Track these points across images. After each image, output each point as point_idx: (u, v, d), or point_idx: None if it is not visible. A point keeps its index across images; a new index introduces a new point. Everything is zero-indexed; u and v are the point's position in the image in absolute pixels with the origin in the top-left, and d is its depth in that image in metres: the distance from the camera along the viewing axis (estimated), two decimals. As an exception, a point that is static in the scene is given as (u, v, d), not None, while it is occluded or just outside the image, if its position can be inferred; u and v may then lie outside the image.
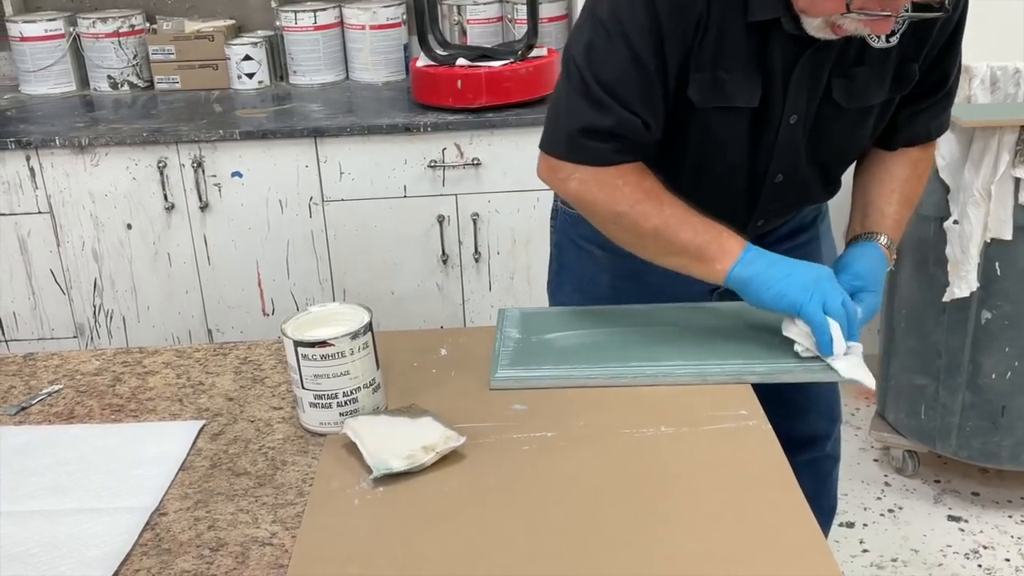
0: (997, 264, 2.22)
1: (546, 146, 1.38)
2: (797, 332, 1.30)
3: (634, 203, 1.33)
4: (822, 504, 1.77)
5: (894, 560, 2.29)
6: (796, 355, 1.31)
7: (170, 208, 2.49)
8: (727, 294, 1.55)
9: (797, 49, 1.30)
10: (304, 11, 2.82)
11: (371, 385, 1.22)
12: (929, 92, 1.45)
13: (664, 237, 1.34)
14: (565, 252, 1.67)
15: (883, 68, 1.36)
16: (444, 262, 2.56)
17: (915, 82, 1.40)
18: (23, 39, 2.83)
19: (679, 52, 1.29)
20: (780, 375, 1.28)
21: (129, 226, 2.51)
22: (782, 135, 1.38)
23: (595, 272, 1.63)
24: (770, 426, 1.18)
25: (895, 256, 1.45)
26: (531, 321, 1.44)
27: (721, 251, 1.32)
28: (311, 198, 2.49)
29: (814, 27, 1.25)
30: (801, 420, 1.63)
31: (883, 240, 1.43)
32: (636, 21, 1.27)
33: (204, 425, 1.26)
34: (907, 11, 1.22)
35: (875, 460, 2.66)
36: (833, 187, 1.54)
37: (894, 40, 1.30)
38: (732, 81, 1.32)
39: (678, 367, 1.29)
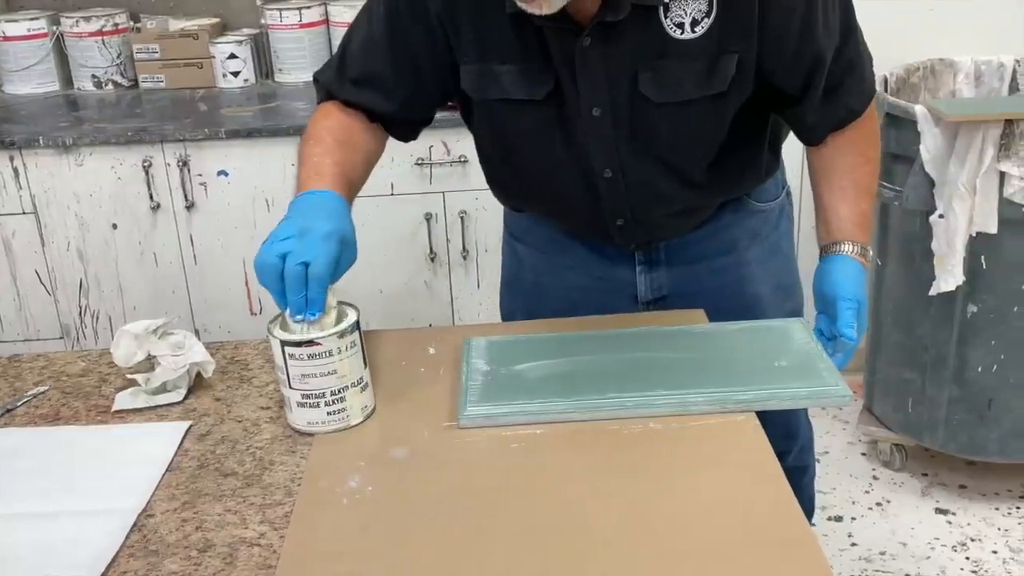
0: (982, 258, 2.23)
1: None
2: None
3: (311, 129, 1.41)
4: None
5: (882, 553, 2.30)
6: (780, 381, 1.25)
7: (156, 208, 2.48)
8: (651, 304, 1.54)
9: (572, 38, 1.26)
10: (289, 9, 2.81)
11: (359, 384, 1.21)
12: (808, 79, 1.33)
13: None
14: (504, 250, 1.68)
15: (696, 62, 1.27)
16: (432, 260, 2.55)
17: (734, 77, 1.29)
18: (5, 39, 2.81)
19: (426, 40, 1.32)
20: (765, 402, 1.22)
21: (115, 226, 2.50)
22: (588, 128, 1.34)
23: (519, 269, 1.62)
24: (758, 421, 1.18)
25: (869, 254, 1.41)
26: (498, 351, 1.34)
27: (299, 188, 1.35)
28: (297, 197, 2.48)
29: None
30: None
31: (849, 249, 1.39)
32: (382, 4, 1.34)
33: (191, 426, 1.25)
34: None
35: (863, 454, 2.66)
36: (702, 190, 1.43)
37: (699, 31, 1.24)
38: (508, 73, 1.31)
39: (659, 397, 1.22)
